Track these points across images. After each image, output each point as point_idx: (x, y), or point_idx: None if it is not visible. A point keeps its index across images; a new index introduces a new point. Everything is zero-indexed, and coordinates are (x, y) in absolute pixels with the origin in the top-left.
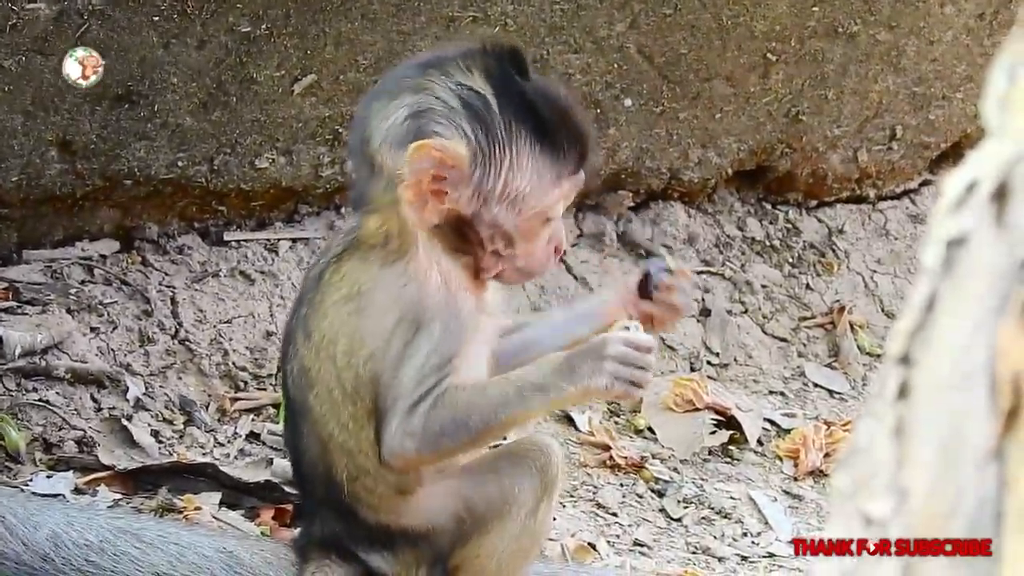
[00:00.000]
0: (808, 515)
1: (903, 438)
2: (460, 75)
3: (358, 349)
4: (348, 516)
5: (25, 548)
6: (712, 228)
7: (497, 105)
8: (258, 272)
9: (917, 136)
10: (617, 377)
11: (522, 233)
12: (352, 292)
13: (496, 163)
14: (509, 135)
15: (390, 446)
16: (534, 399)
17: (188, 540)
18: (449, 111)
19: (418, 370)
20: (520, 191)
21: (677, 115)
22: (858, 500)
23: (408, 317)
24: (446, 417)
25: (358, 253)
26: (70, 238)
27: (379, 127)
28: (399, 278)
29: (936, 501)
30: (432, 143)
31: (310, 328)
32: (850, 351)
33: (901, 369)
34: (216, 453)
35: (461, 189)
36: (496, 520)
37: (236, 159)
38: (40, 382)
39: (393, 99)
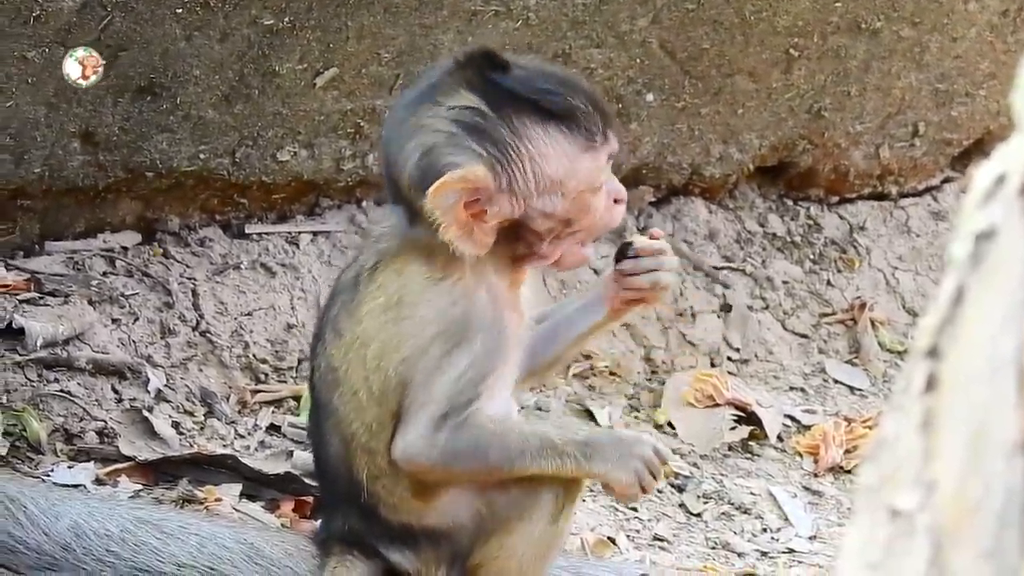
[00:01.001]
0: (828, 511)
1: (930, 431)
2: (448, 98)
3: (391, 352)
4: (368, 514)
5: (46, 538)
6: (733, 224)
7: (491, 110)
8: (279, 265)
9: (940, 133)
10: (638, 478)
11: (576, 211)
12: (391, 302)
13: (516, 163)
14: (515, 133)
15: (407, 449)
16: (552, 462)
17: (209, 531)
18: (452, 138)
19: (453, 383)
20: (553, 176)
21: (699, 110)
22: (885, 493)
23: (451, 332)
24: (469, 443)
25: (396, 263)
26: (92, 230)
27: (401, 172)
28: (446, 296)
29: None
30: (447, 179)
31: (341, 328)
32: (871, 347)
33: (928, 362)
34: (236, 445)
35: (498, 202)
36: (518, 521)
37: (258, 152)
38: (61, 373)
39: (403, 145)
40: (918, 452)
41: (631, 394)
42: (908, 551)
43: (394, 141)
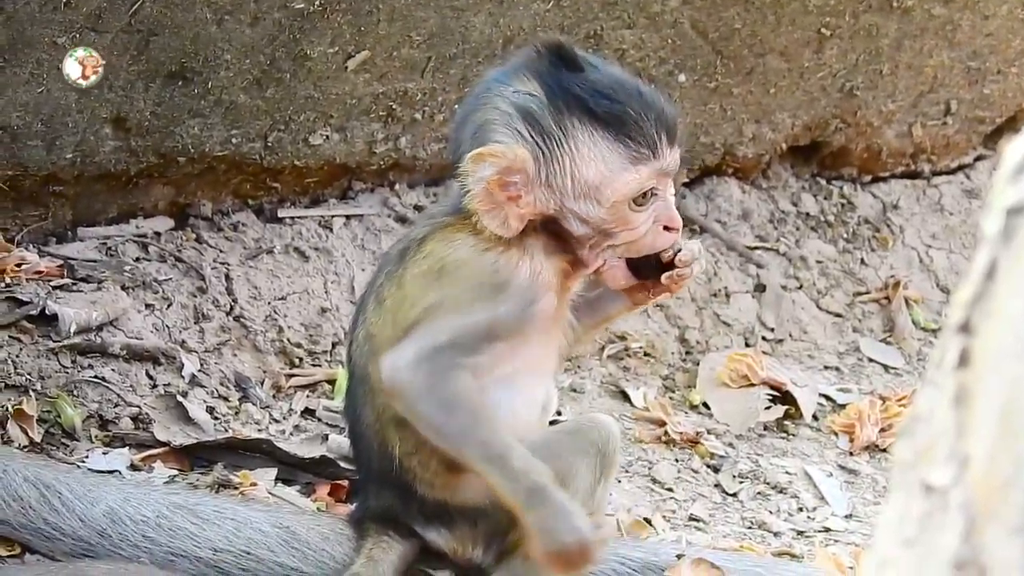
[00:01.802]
0: (863, 490)
1: (963, 407)
2: (518, 82)
3: (419, 301)
4: (404, 491)
5: (82, 524)
6: (766, 204)
7: (548, 102)
8: (312, 249)
9: (972, 111)
10: (558, 555)
11: (614, 223)
12: (434, 267)
13: (558, 158)
14: (563, 129)
15: (393, 363)
16: (499, 477)
17: (244, 516)
18: (505, 118)
19: (462, 328)
20: (591, 182)
21: (731, 90)
22: (919, 470)
23: (483, 291)
24: (444, 393)
25: (446, 233)
26: (124, 215)
27: (459, 149)
28: (490, 263)
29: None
30: (485, 149)
31: (383, 296)
32: (905, 326)
33: (961, 338)
34: (271, 429)
35: (533, 190)
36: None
37: (290, 136)
38: (95, 359)
39: (467, 119)
40: (951, 428)
41: (666, 375)
42: (942, 527)
43: (463, 115)
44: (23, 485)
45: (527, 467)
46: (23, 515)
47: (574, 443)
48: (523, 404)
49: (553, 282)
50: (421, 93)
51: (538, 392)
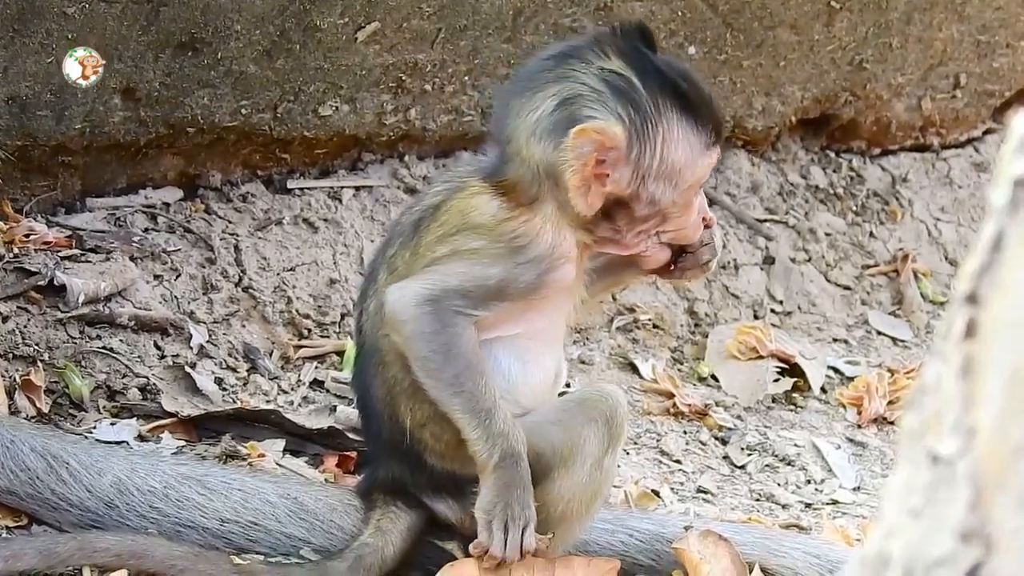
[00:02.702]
0: (872, 462)
1: (970, 377)
2: (598, 60)
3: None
4: (413, 462)
5: (89, 494)
6: (776, 176)
7: (641, 83)
8: (321, 220)
9: (981, 84)
10: (493, 527)
11: (679, 207)
12: (450, 229)
13: (651, 139)
14: (658, 111)
15: (399, 293)
16: (477, 430)
17: (252, 486)
18: (597, 95)
19: (473, 275)
20: (676, 164)
21: (741, 63)
22: (926, 440)
23: (499, 249)
24: (442, 338)
25: (465, 200)
26: (133, 186)
27: (524, 121)
28: (510, 229)
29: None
30: (591, 126)
31: (395, 265)
32: (913, 299)
33: (969, 308)
34: (280, 400)
35: (621, 170)
36: (562, 469)
37: (299, 107)
38: (104, 330)
39: (537, 91)
40: (958, 398)
41: (674, 347)
42: (949, 497)
43: (524, 87)
44: (30, 456)
45: (508, 430)
46: (30, 485)
47: (582, 413)
48: (533, 372)
49: (573, 255)
50: (431, 64)
51: (548, 361)
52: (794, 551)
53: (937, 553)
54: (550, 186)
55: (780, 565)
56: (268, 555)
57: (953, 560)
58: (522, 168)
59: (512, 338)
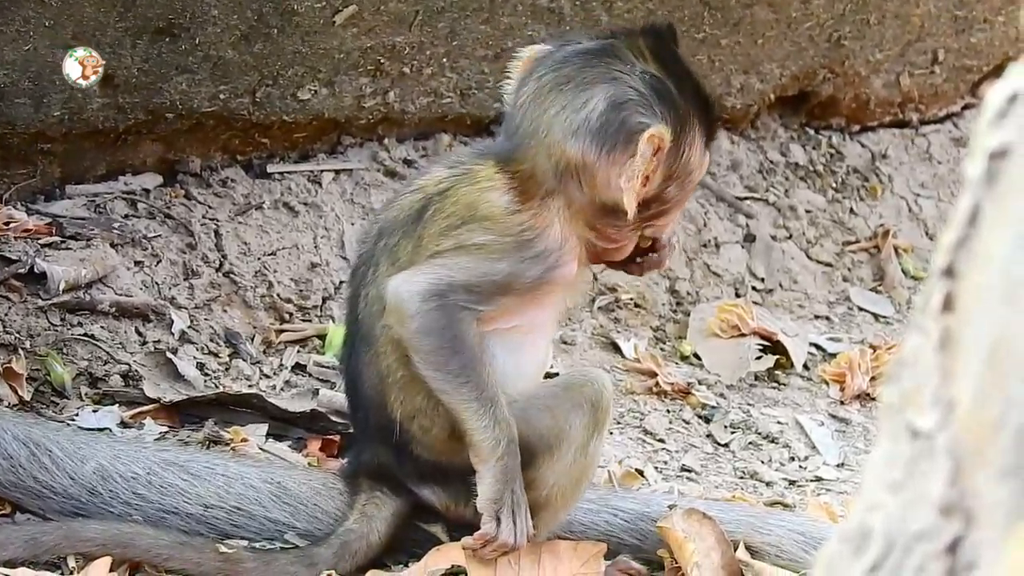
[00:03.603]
0: (855, 438)
1: (948, 351)
2: (639, 61)
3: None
4: (400, 451)
5: (72, 482)
6: (755, 154)
7: (675, 88)
8: (302, 204)
9: (959, 59)
10: (498, 515)
11: (674, 205)
12: (456, 221)
13: (682, 145)
14: (689, 116)
15: (403, 286)
16: (480, 421)
17: (236, 471)
18: (644, 99)
19: (481, 272)
20: (692, 167)
21: (719, 41)
22: (905, 414)
23: (507, 244)
24: (452, 333)
25: (472, 193)
26: (113, 172)
27: (564, 117)
28: (519, 224)
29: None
30: (655, 133)
31: (398, 255)
32: (895, 275)
33: (946, 282)
34: (262, 385)
35: (658, 172)
36: (547, 454)
37: (278, 91)
38: (85, 317)
39: (582, 89)
40: (937, 372)
41: (656, 326)
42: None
43: (563, 82)
44: (12, 444)
45: (510, 418)
46: (13, 473)
47: (567, 398)
48: (527, 364)
49: (579, 251)
50: (409, 47)
51: (540, 351)
52: (779, 528)
53: (917, 527)
54: (570, 183)
55: (765, 543)
56: (252, 540)
57: (934, 534)
58: (545, 162)
59: (508, 331)
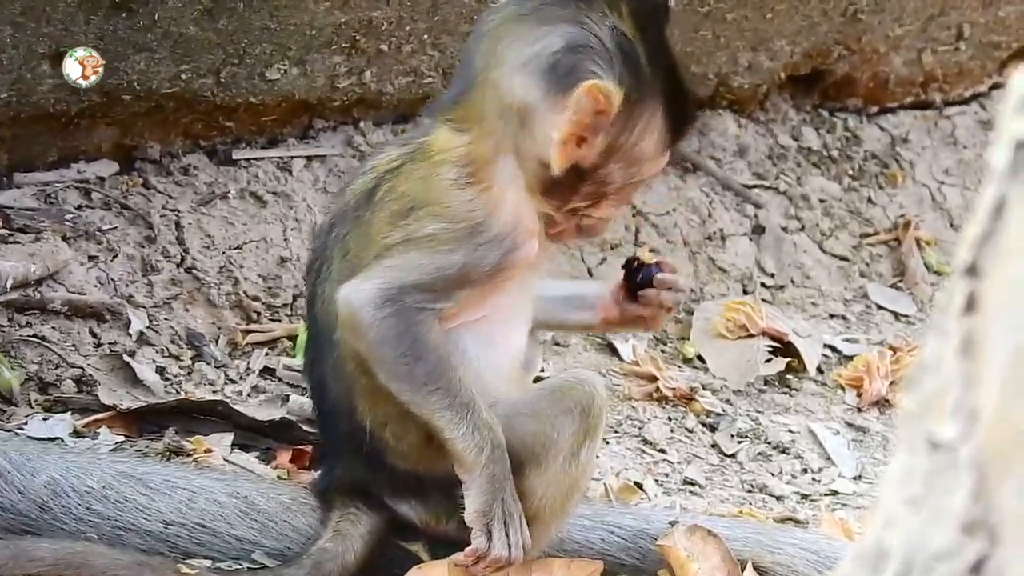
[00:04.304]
0: (873, 448)
1: (971, 355)
2: (612, 14)
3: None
4: (373, 462)
5: (21, 497)
6: (764, 138)
7: (645, 57)
8: (270, 193)
9: (986, 35)
10: (489, 525)
11: (617, 196)
12: (405, 207)
13: (636, 118)
14: (652, 91)
15: (354, 295)
16: (460, 427)
17: (198, 485)
18: (606, 52)
19: (433, 266)
20: (641, 153)
21: (724, 16)
22: (925, 423)
23: (458, 231)
24: (409, 338)
25: (422, 168)
26: (65, 159)
27: (517, 50)
28: (466, 204)
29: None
30: (599, 87)
31: (348, 246)
32: (916, 269)
33: (969, 280)
34: (227, 390)
35: (600, 139)
36: (533, 464)
37: (245, 71)
38: (34, 316)
39: (541, 24)
40: (959, 378)
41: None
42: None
43: (523, 14)
44: None
45: (491, 421)
46: None
47: (555, 402)
48: (501, 356)
49: (535, 228)
50: (387, 22)
51: (515, 342)
52: (790, 547)
53: (938, 546)
54: (515, 128)
55: (775, 562)
56: (217, 559)
57: (956, 553)
58: (491, 99)
59: (475, 323)
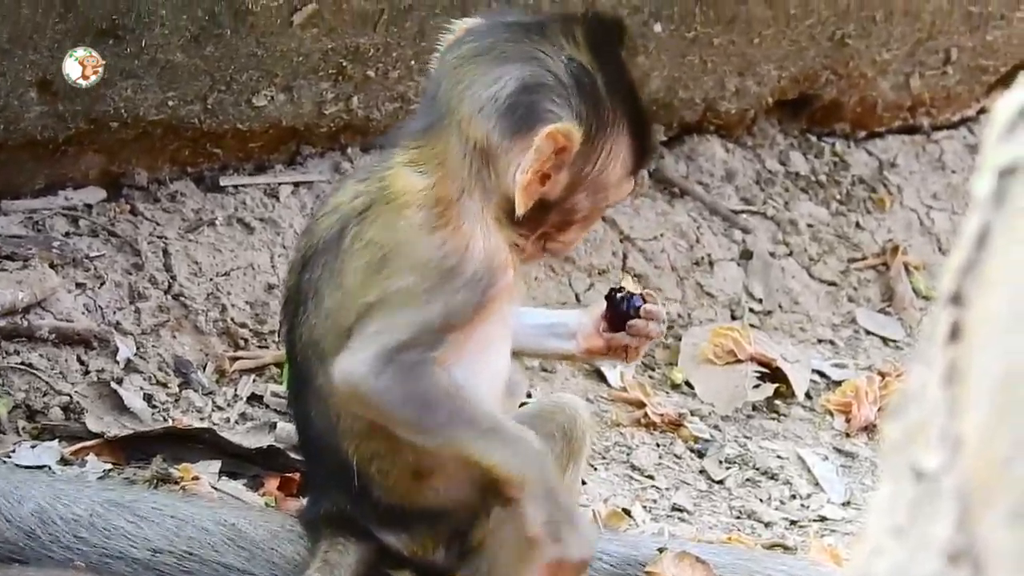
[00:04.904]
0: (862, 474)
1: (955, 384)
2: (568, 47)
3: (359, 301)
4: (359, 494)
5: (8, 525)
6: (752, 163)
7: (604, 87)
8: (257, 220)
9: (974, 59)
10: (552, 536)
11: (584, 221)
12: (375, 258)
13: (598, 150)
14: (613, 123)
15: (350, 370)
16: (497, 451)
17: (186, 513)
18: (563, 88)
19: (419, 322)
20: (607, 181)
21: (711, 40)
22: (909, 452)
23: (434, 279)
24: (417, 391)
25: (388, 213)
26: (52, 186)
27: (475, 94)
28: (438, 248)
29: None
30: (558, 129)
31: (323, 294)
32: (905, 294)
33: (952, 309)
34: (215, 417)
35: (563, 174)
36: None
37: (232, 97)
38: (22, 344)
39: (495, 63)
40: (943, 406)
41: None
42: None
43: (478, 52)
44: None
45: (522, 433)
46: None
47: (536, 428)
48: (487, 381)
49: (507, 258)
50: (374, 49)
51: (496, 367)
52: (778, 573)
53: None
54: (479, 168)
55: None
56: None
57: None
58: (453, 141)
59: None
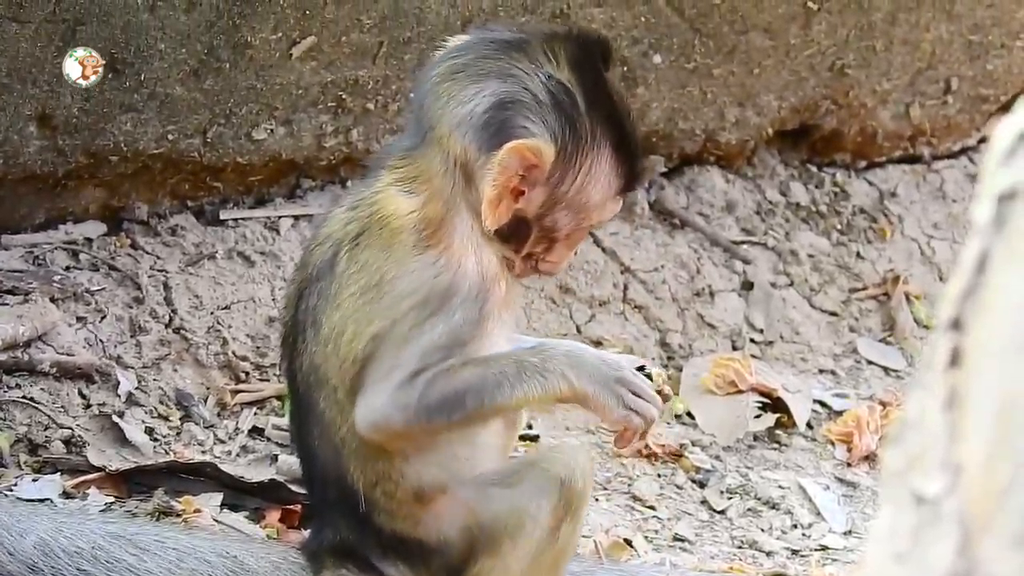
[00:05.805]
0: (863, 503)
1: (955, 410)
2: (548, 64)
3: (363, 330)
4: (362, 522)
5: (11, 558)
6: (752, 194)
7: (584, 104)
8: (258, 253)
9: (974, 88)
10: (625, 404)
11: (569, 240)
12: (371, 282)
13: (576, 168)
14: (593, 140)
15: (375, 416)
16: (534, 384)
17: (188, 545)
18: (538, 105)
19: (425, 348)
20: (588, 199)
21: (711, 71)
22: (910, 478)
23: (430, 302)
24: (443, 392)
25: (381, 239)
26: (52, 221)
27: (453, 111)
28: (431, 268)
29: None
30: (526, 144)
31: (320, 320)
32: (906, 324)
33: (952, 335)
34: (216, 451)
35: (538, 191)
36: (508, 539)
37: (231, 130)
38: (23, 378)
39: (473, 81)
40: (943, 433)
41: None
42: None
43: (458, 69)
44: None
45: (530, 355)
46: None
47: (533, 478)
48: None
49: (499, 272)
50: (373, 81)
51: None
52: None
53: None
54: (462, 185)
55: None
56: None
57: None
58: (438, 156)
59: None
